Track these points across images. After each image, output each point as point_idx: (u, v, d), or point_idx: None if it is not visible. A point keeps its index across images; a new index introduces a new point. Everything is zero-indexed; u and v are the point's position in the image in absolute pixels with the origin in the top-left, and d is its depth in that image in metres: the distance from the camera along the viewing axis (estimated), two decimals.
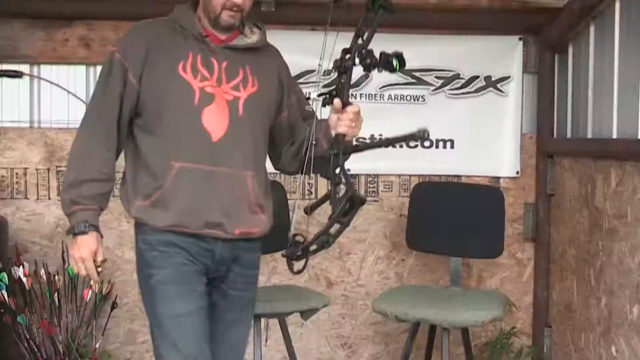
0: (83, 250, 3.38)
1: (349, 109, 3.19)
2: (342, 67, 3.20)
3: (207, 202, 3.39)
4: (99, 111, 3.52)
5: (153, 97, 3.45)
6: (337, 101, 3.23)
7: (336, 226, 3.09)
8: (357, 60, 3.17)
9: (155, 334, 3.50)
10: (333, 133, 3.29)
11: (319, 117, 3.56)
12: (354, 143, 3.40)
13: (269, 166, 3.75)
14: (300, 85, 3.97)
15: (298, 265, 3.18)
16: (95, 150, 3.48)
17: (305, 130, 3.58)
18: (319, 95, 3.36)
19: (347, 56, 3.21)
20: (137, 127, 3.53)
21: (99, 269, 3.43)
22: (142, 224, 3.49)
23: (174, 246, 3.42)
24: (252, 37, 3.62)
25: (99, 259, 3.42)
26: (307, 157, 3.31)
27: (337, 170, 3.18)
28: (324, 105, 3.31)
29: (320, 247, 3.08)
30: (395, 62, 3.14)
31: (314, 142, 3.30)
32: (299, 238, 3.14)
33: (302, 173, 3.42)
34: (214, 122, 3.41)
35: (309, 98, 3.44)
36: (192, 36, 3.51)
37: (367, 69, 3.23)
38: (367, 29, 3.31)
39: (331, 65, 3.34)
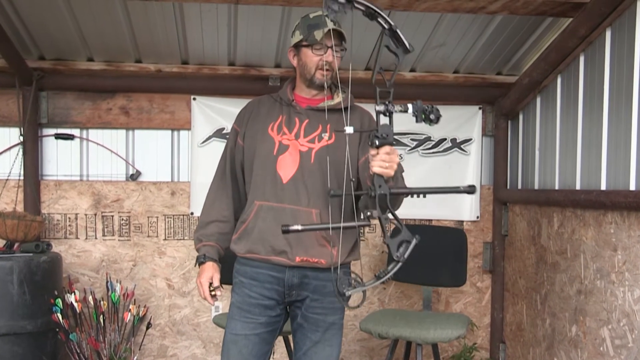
0: (201, 276, 3.54)
1: (381, 150, 2.95)
2: (387, 111, 2.95)
3: (274, 233, 3.41)
4: (221, 168, 3.77)
5: (250, 151, 3.63)
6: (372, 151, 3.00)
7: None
8: (410, 108, 2.94)
9: (223, 341, 3.63)
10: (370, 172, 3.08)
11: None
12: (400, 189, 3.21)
13: None
14: None
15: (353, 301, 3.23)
16: (218, 198, 3.74)
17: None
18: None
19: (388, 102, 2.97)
20: (246, 180, 3.70)
21: (213, 293, 3.54)
22: (234, 253, 3.63)
23: (248, 277, 3.55)
24: (335, 100, 3.63)
25: (215, 284, 3.54)
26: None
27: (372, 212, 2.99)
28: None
29: (376, 280, 2.96)
30: (433, 117, 2.98)
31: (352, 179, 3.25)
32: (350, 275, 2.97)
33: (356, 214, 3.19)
34: (285, 168, 3.49)
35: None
36: (284, 102, 3.64)
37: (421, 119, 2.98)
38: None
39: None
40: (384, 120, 2.97)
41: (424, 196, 5.77)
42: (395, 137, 5.67)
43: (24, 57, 5.28)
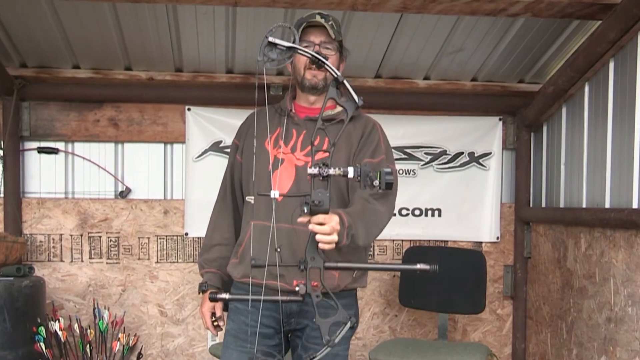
0: (203, 306, 3.64)
1: (313, 219, 2.95)
2: (322, 173, 2.84)
3: (270, 255, 3.28)
4: (223, 187, 3.81)
5: (247, 167, 3.65)
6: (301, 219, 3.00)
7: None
8: (350, 172, 2.78)
9: None
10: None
11: None
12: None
13: None
14: None
15: None
16: (220, 220, 3.77)
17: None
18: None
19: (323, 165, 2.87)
20: (244, 198, 3.71)
21: (216, 324, 3.63)
22: (231, 278, 3.65)
23: (245, 303, 3.49)
24: (336, 109, 3.61)
25: (217, 313, 3.61)
26: None
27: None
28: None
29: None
30: (377, 182, 2.77)
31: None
32: None
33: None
34: (280, 184, 3.47)
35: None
36: (284, 113, 3.64)
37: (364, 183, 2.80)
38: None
39: None
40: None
41: (440, 215, 5.75)
42: (408, 150, 5.78)
43: (4, 64, 5.28)
